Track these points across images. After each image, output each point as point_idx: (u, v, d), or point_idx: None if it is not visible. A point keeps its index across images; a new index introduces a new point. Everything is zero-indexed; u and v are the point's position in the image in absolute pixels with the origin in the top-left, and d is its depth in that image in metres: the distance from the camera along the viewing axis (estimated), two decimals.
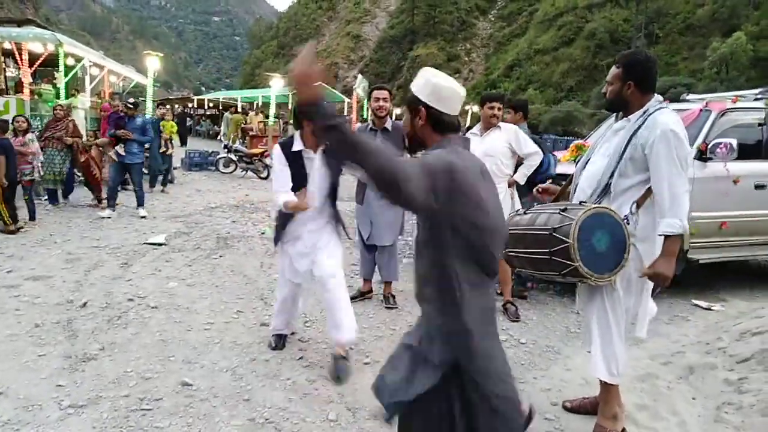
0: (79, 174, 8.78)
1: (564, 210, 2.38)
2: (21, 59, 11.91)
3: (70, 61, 13.23)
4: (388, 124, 4.36)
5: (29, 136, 7.17)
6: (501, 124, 4.35)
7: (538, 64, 52.40)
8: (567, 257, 2.27)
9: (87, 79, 14.57)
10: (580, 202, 2.48)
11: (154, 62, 12.52)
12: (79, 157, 8.19)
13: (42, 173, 7.40)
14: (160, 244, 6.12)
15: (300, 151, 3.20)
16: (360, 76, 22.82)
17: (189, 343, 3.56)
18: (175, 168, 12.25)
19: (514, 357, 3.63)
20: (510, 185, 4.34)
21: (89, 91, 14.55)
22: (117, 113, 8.11)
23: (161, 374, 3.10)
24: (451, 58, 64.19)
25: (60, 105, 8.47)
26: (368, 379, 3.15)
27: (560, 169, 5.17)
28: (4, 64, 13.23)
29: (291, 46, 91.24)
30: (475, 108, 29.53)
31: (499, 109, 4.31)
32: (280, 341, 3.61)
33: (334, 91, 26.31)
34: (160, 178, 10.61)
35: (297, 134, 3.24)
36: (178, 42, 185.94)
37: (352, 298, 4.52)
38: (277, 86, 19.91)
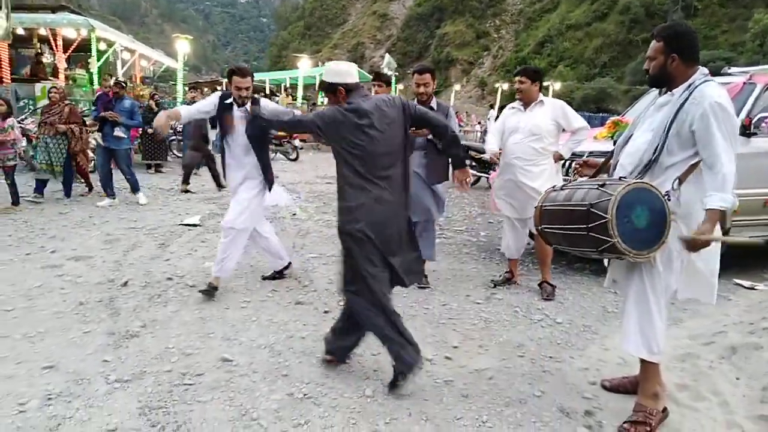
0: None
1: (602, 185, 2.32)
2: (56, 45, 12.17)
3: (102, 46, 13.46)
4: (433, 103, 4.33)
5: (9, 121, 6.67)
6: (545, 98, 4.25)
7: (570, 40, 51.08)
8: (605, 233, 2.22)
9: (119, 63, 14.84)
10: (620, 178, 2.41)
11: (183, 45, 12.66)
12: (74, 146, 7.40)
13: (27, 157, 7.06)
14: (195, 225, 6.25)
15: (231, 103, 3.95)
16: (387, 55, 22.64)
17: (227, 321, 3.63)
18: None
19: (550, 336, 3.60)
20: (556, 160, 4.27)
21: (121, 75, 14.80)
22: (106, 95, 7.59)
23: (201, 350, 3.18)
24: (479, 35, 63.06)
25: (55, 87, 7.68)
26: None
27: (597, 146, 5.05)
28: (39, 50, 13.52)
29: (318, 27, 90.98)
30: (505, 86, 29.05)
31: (521, 83, 4.25)
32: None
33: (361, 71, 26.11)
34: None
35: (228, 93, 4.01)
36: (205, 25, 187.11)
37: None
38: (304, 67, 19.90)
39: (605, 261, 2.85)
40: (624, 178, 2.40)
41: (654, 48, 2.45)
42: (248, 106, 3.93)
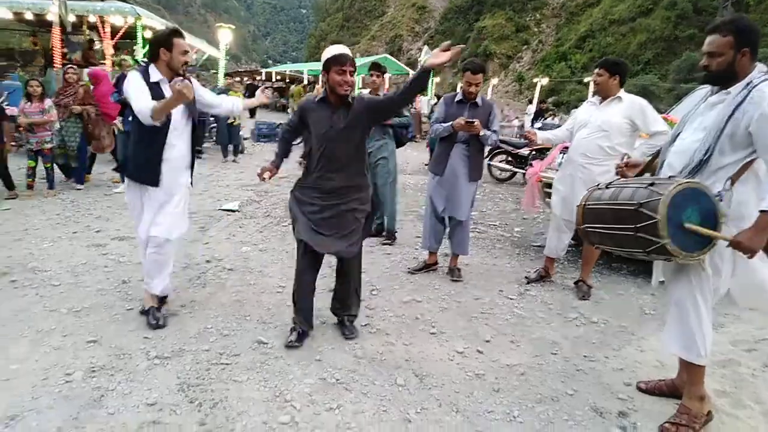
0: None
1: (652, 184, 2.26)
2: (104, 32, 12.52)
3: (148, 34, 13.78)
4: (478, 99, 4.29)
5: (47, 102, 6.56)
6: (624, 95, 3.95)
7: (613, 35, 49.65)
8: (654, 234, 2.17)
9: (190, 60, 15.15)
10: (670, 177, 2.35)
11: (226, 35, 12.85)
12: (90, 129, 7.15)
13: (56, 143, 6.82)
14: (233, 211, 6.38)
15: (158, 82, 3.09)
16: (425, 48, 22.43)
17: (263, 305, 3.71)
18: (245, 139, 12.63)
19: (585, 335, 3.55)
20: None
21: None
22: (125, 75, 7.02)
23: (238, 332, 3.26)
24: (519, 28, 61.92)
25: (72, 67, 7.38)
26: (434, 349, 3.21)
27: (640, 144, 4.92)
28: (89, 36, 13.96)
29: (356, 18, 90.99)
30: (545, 81, 28.47)
31: (599, 75, 3.98)
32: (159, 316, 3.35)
33: (398, 62, 26.03)
34: (231, 147, 10.98)
35: (152, 66, 3.11)
36: (246, 15, 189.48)
37: (416, 270, 4.59)
38: None
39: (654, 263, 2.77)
40: (674, 177, 2.33)
41: (719, 43, 2.32)
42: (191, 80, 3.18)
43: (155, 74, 3.09)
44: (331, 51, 2.92)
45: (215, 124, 12.17)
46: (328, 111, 2.96)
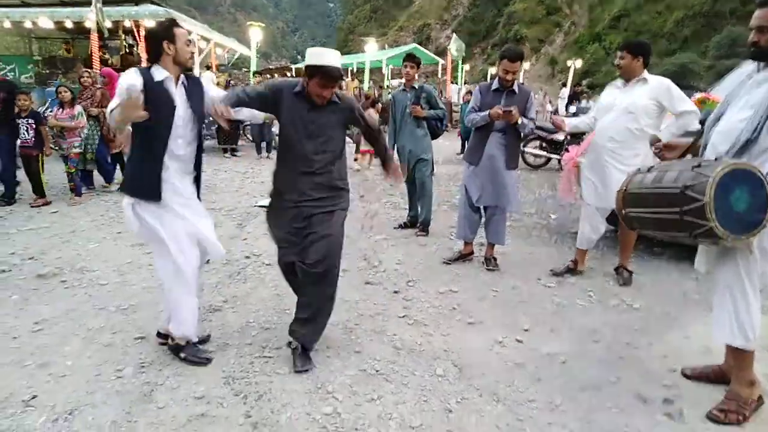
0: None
1: (698, 166, 2.19)
2: (139, 35, 12.83)
3: None
4: (515, 86, 4.23)
5: (78, 108, 6.60)
6: (649, 76, 3.85)
7: (649, 13, 48.08)
8: (701, 216, 2.11)
9: (196, 52, 15.43)
10: (716, 159, 2.27)
11: (256, 33, 13.01)
12: (105, 131, 7.10)
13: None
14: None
15: (163, 80, 2.66)
16: (454, 36, 22.20)
17: None
18: (278, 135, 12.79)
19: (627, 322, 3.48)
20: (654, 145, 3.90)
21: (198, 63, 15.44)
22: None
23: (279, 325, 3.33)
24: (550, 11, 60.59)
25: (87, 71, 7.39)
26: (473, 339, 3.20)
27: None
28: (125, 41, 14.35)
29: (384, 9, 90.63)
30: (578, 63, 27.86)
31: (621, 58, 3.89)
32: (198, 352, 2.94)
33: (427, 52, 25.82)
34: (264, 144, 11.14)
35: (155, 66, 2.68)
36: (275, 12, 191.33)
37: (451, 260, 4.58)
38: (371, 51, 19.94)
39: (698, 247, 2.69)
40: (720, 158, 2.26)
41: None
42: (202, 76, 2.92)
43: (159, 73, 2.66)
44: (320, 59, 2.64)
45: (249, 122, 12.37)
46: (304, 104, 2.76)
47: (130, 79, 2.56)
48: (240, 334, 3.21)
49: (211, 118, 3.52)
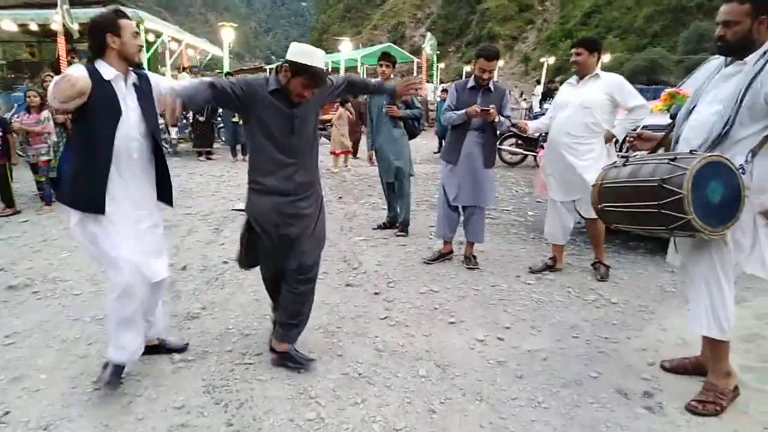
0: None
1: (673, 159, 2.22)
2: None
3: (151, 37, 13.82)
4: (491, 85, 4.26)
5: (45, 113, 6.40)
6: (601, 72, 3.97)
7: (619, 9, 49.01)
8: (679, 210, 2.13)
9: (167, 53, 15.20)
10: (691, 152, 2.31)
11: (228, 33, 12.86)
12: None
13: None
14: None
15: (111, 81, 2.43)
16: (429, 34, 22.23)
17: None
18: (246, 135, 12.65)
19: (605, 317, 3.53)
20: (608, 141, 3.99)
21: (169, 65, 15.20)
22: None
23: (259, 331, 3.29)
24: (522, 8, 61.28)
25: (51, 75, 6.74)
26: (454, 338, 3.21)
27: (652, 120, 4.86)
28: None
29: (357, 8, 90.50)
30: (551, 60, 28.22)
31: (578, 54, 3.99)
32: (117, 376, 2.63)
33: (402, 51, 25.85)
34: (240, 147, 11.01)
35: (100, 62, 2.45)
36: (247, 12, 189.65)
37: (431, 260, 4.59)
38: (346, 50, 19.87)
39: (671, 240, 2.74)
40: (695, 152, 2.29)
41: (736, 11, 2.26)
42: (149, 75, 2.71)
43: (107, 70, 2.43)
44: (310, 59, 2.47)
45: (222, 125, 12.23)
46: (284, 102, 2.58)
47: (80, 72, 2.32)
48: (219, 341, 3.16)
49: (186, 120, 3.37)
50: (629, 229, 2.66)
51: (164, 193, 2.76)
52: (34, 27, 12.44)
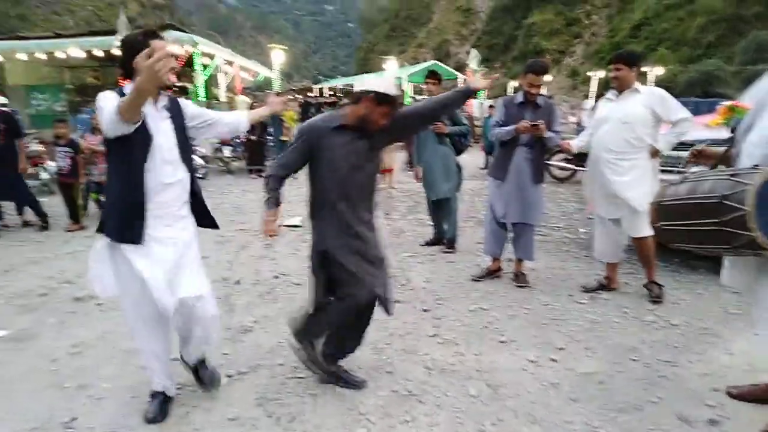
0: None
1: (734, 175, 2.14)
2: None
3: (205, 60, 14.39)
4: (540, 100, 4.20)
5: None
6: (640, 86, 3.86)
7: (670, 20, 47.59)
8: (742, 227, 2.04)
9: (220, 76, 15.77)
10: (754, 166, 2.21)
11: (279, 55, 13.20)
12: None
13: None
14: (296, 226, 6.54)
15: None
16: (473, 51, 22.24)
17: None
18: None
19: (665, 339, 3.39)
20: (652, 156, 3.83)
21: (223, 87, 15.76)
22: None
23: None
24: (570, 22, 60.44)
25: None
26: (505, 358, 3.15)
27: (711, 134, 4.68)
28: None
29: (402, 27, 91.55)
30: (600, 74, 27.63)
31: (617, 69, 3.87)
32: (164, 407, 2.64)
33: (446, 67, 25.89)
34: None
35: (129, 86, 2.25)
36: (295, 34, 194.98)
37: (480, 277, 4.53)
38: (391, 68, 20.10)
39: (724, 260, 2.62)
40: (757, 167, 2.19)
41: None
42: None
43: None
44: (391, 88, 2.51)
45: (273, 143, 12.55)
46: (348, 136, 2.56)
47: (111, 101, 2.15)
48: (271, 355, 3.22)
49: (239, 139, 3.21)
50: (690, 249, 2.56)
51: (203, 218, 2.68)
52: (98, 53, 13.18)
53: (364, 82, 2.58)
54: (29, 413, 2.62)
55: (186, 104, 2.55)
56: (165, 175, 2.34)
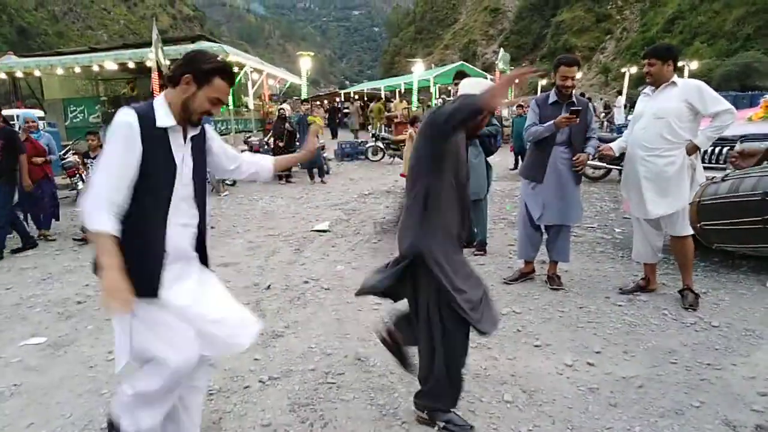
0: None
1: None
2: None
3: (235, 69, 14.66)
4: (573, 98, 4.11)
5: None
6: (677, 79, 3.70)
7: (705, 13, 46.29)
8: None
9: (249, 84, 16.04)
10: None
11: (306, 62, 13.36)
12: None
13: None
14: (325, 231, 6.58)
15: (167, 129, 1.90)
16: (501, 50, 22.05)
17: (361, 322, 3.76)
18: (329, 159, 13.04)
19: (707, 341, 3.26)
20: (690, 152, 3.62)
21: (251, 94, 16.03)
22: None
23: (340, 350, 3.33)
24: (600, 18, 59.41)
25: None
26: (541, 363, 3.09)
27: (752, 128, 4.51)
28: None
29: (428, 29, 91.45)
30: (633, 69, 27.04)
31: (650, 65, 3.73)
32: None
33: (474, 68, 25.74)
34: (316, 170, 11.34)
35: (160, 101, 1.93)
36: (322, 40, 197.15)
37: (512, 280, 4.46)
38: (418, 71, 20.08)
39: None
40: None
41: None
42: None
43: (164, 117, 1.89)
44: (477, 86, 2.45)
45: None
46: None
47: (127, 120, 1.82)
48: (303, 360, 3.23)
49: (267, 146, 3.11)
50: (733, 249, 2.46)
51: (201, 251, 2.21)
52: (131, 65, 13.58)
53: (462, 87, 2.54)
54: (68, 418, 2.69)
55: (212, 136, 2.18)
56: (181, 212, 1.99)
